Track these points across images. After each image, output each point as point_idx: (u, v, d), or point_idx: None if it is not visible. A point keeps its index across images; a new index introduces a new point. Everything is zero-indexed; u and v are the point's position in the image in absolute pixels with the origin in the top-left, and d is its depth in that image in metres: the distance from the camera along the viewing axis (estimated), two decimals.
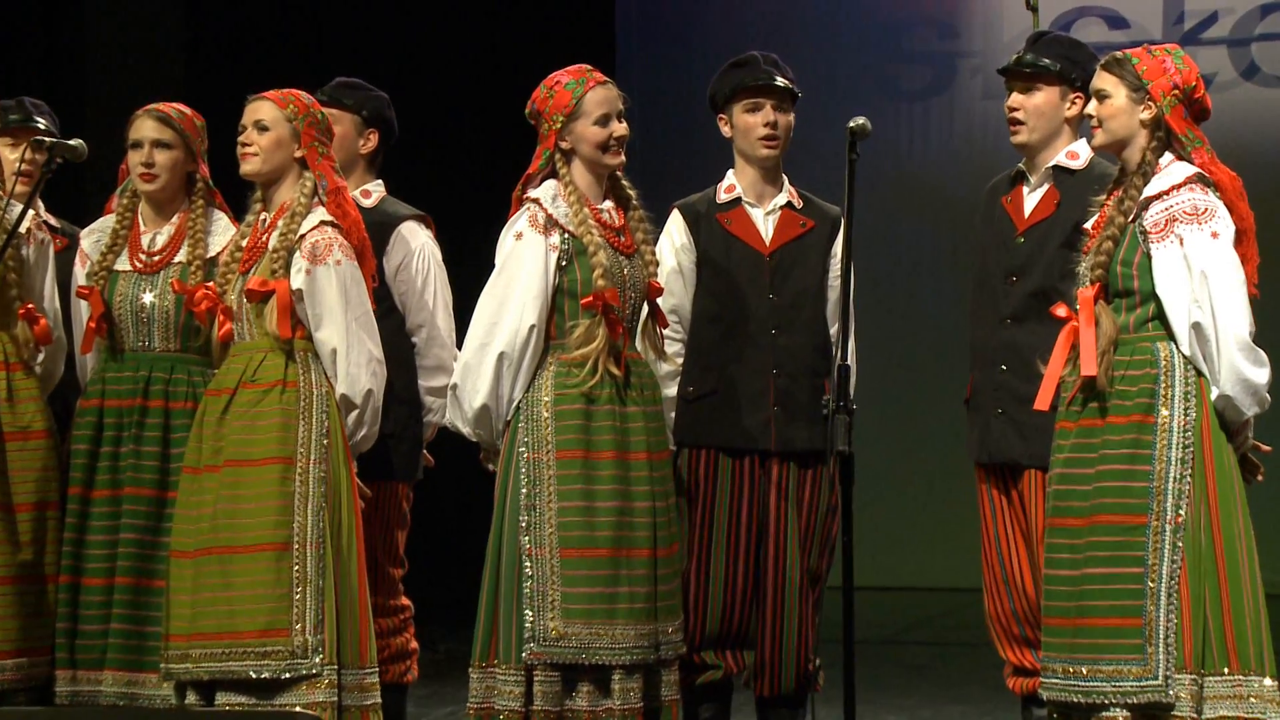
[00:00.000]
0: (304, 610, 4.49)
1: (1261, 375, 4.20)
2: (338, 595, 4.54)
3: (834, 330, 5.04)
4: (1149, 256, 4.26)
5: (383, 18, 8.20)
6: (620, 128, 4.61)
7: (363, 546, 4.65)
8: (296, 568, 4.50)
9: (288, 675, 4.47)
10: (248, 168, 4.69)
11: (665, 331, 4.83)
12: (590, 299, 4.50)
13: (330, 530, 4.54)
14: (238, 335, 4.67)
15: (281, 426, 4.55)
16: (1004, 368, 4.82)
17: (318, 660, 4.47)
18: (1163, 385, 4.23)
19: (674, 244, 5.03)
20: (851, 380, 4.53)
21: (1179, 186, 4.26)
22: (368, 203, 5.07)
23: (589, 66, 4.69)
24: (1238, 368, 4.18)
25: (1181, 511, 4.18)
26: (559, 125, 4.61)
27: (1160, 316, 4.26)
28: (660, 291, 4.73)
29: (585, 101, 4.60)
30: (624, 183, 4.72)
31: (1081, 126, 4.86)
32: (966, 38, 8.53)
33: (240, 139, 4.69)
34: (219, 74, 7.70)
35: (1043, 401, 4.39)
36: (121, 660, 4.74)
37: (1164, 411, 4.22)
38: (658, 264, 4.74)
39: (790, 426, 4.94)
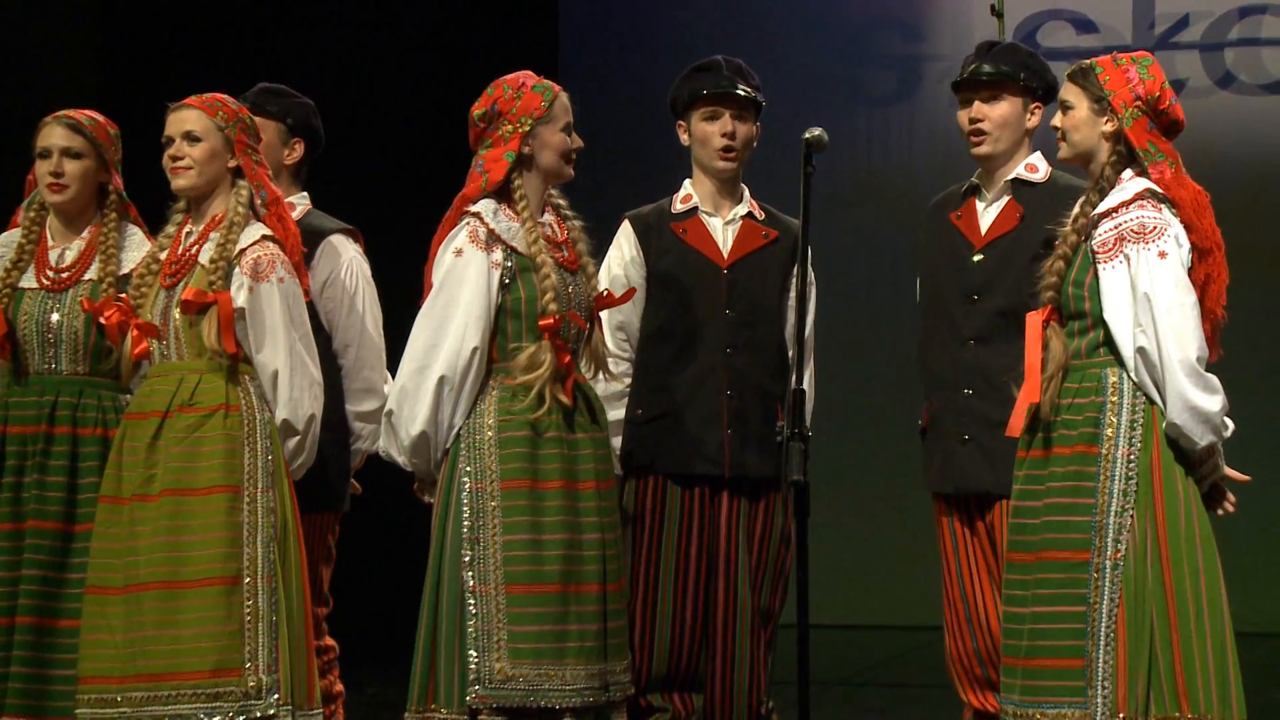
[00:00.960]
0: (257, 648, 4.47)
1: (1212, 402, 4.22)
2: (287, 632, 4.53)
3: (791, 353, 5.02)
4: (1098, 278, 4.25)
5: (308, 20, 8.15)
6: (578, 140, 4.65)
7: (308, 582, 4.66)
8: (248, 603, 4.48)
9: (241, 718, 4.43)
10: (181, 182, 4.68)
11: (613, 349, 4.80)
12: (551, 321, 4.49)
13: (279, 564, 4.53)
14: (160, 355, 4.66)
15: (226, 453, 4.54)
16: (969, 391, 4.82)
17: (273, 701, 4.46)
18: (1108, 414, 4.25)
19: (623, 256, 5.04)
20: (807, 406, 4.50)
21: (1129, 203, 4.30)
22: (293, 215, 5.02)
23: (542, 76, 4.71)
24: (1185, 395, 4.19)
25: (1121, 547, 4.20)
26: (526, 128, 4.61)
27: (1111, 341, 4.29)
28: (608, 303, 4.69)
29: (555, 107, 4.63)
30: (552, 192, 4.69)
31: (1036, 138, 4.92)
32: (933, 40, 8.55)
33: (169, 152, 4.69)
34: (133, 79, 7.64)
35: (1014, 427, 4.41)
36: (21, 705, 4.70)
37: (1108, 442, 4.24)
38: (598, 282, 4.70)
39: (744, 452, 4.97)
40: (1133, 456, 4.22)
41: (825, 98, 8.41)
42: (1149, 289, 4.20)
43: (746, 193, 5.12)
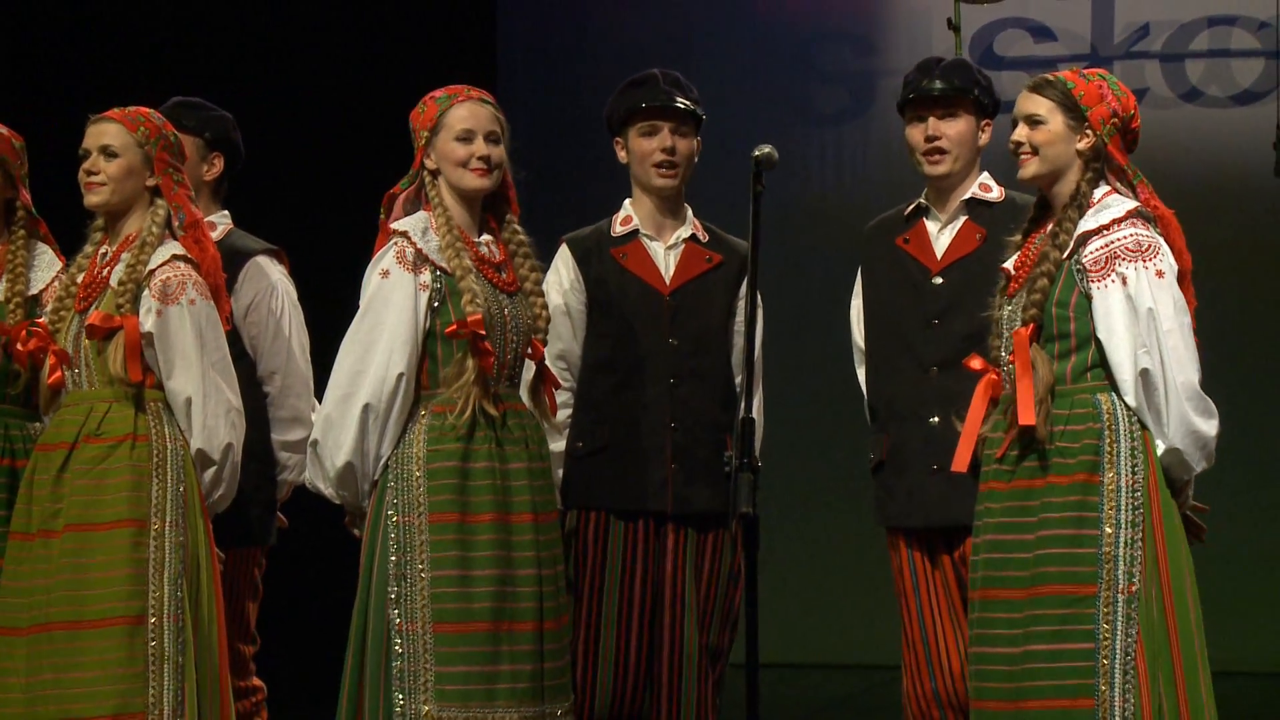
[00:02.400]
0: (161, 691, 4.43)
1: (1211, 427, 4.23)
2: (198, 673, 4.48)
3: (739, 380, 5.00)
4: (1087, 297, 4.26)
5: (227, 30, 8.11)
6: (483, 147, 4.57)
7: (223, 619, 4.62)
8: (153, 643, 4.44)
9: None
10: (94, 199, 4.65)
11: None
12: (453, 326, 4.46)
13: (189, 601, 4.48)
14: (72, 383, 4.62)
15: (132, 486, 4.49)
16: (935, 420, 4.80)
17: None
18: (1107, 441, 4.22)
19: (561, 283, 5.01)
20: (757, 435, 4.49)
21: (1120, 221, 4.28)
22: (213, 235, 5.01)
23: (475, 87, 4.69)
24: (1189, 419, 4.19)
25: (1135, 580, 4.18)
26: (424, 141, 4.61)
27: (1101, 364, 4.26)
28: (541, 352, 4.68)
29: (448, 115, 4.60)
30: (510, 221, 4.66)
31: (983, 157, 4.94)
32: (886, 55, 8.58)
33: (84, 166, 4.65)
34: (42, 89, 7.58)
35: (961, 462, 4.38)
36: None
37: (1110, 471, 4.22)
38: (548, 315, 4.68)
39: (689, 486, 4.94)
40: (1136, 485, 4.20)
41: (774, 115, 8.43)
42: (1153, 306, 4.19)
43: (689, 213, 5.09)
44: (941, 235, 4.94)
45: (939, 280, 4.89)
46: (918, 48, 8.25)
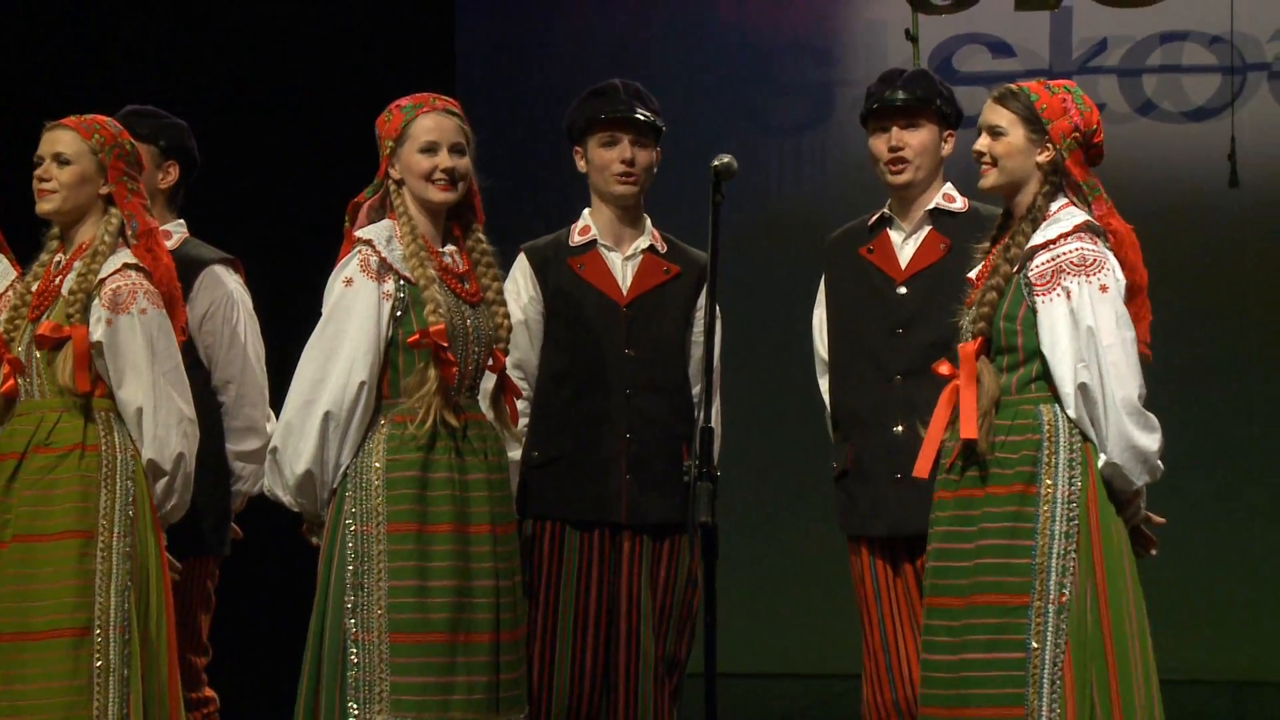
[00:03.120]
0: (106, 704, 4.40)
1: (1152, 441, 4.23)
2: (145, 686, 4.45)
3: (696, 390, 5.02)
4: (1034, 311, 4.28)
5: (182, 37, 8.08)
6: (447, 159, 4.56)
7: (173, 630, 4.60)
8: (98, 656, 4.41)
9: None
10: (46, 206, 4.63)
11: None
12: (416, 336, 4.45)
13: (137, 613, 4.46)
14: (24, 392, 4.60)
15: (80, 496, 4.47)
16: (899, 429, 4.81)
17: None
18: (1046, 452, 4.24)
19: (519, 292, 5.01)
20: (715, 444, 4.49)
21: (1067, 235, 4.29)
22: (168, 244, 4.96)
23: (442, 96, 4.67)
24: (1127, 433, 4.20)
25: (1065, 590, 4.19)
26: (389, 150, 4.60)
27: (1045, 376, 4.28)
28: (502, 362, 4.68)
29: (413, 126, 4.58)
30: (475, 230, 4.65)
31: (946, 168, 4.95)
32: (845, 65, 8.59)
33: (37, 173, 4.64)
34: None
35: (922, 468, 4.39)
36: None
37: (1047, 481, 4.23)
38: (510, 325, 4.68)
39: (644, 496, 4.94)
40: (1073, 496, 4.21)
41: (733, 126, 8.44)
42: (1092, 323, 4.20)
43: (648, 223, 5.10)
44: (905, 245, 4.96)
45: (903, 290, 4.90)
46: (875, 60, 8.27)
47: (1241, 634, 8.08)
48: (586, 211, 5.10)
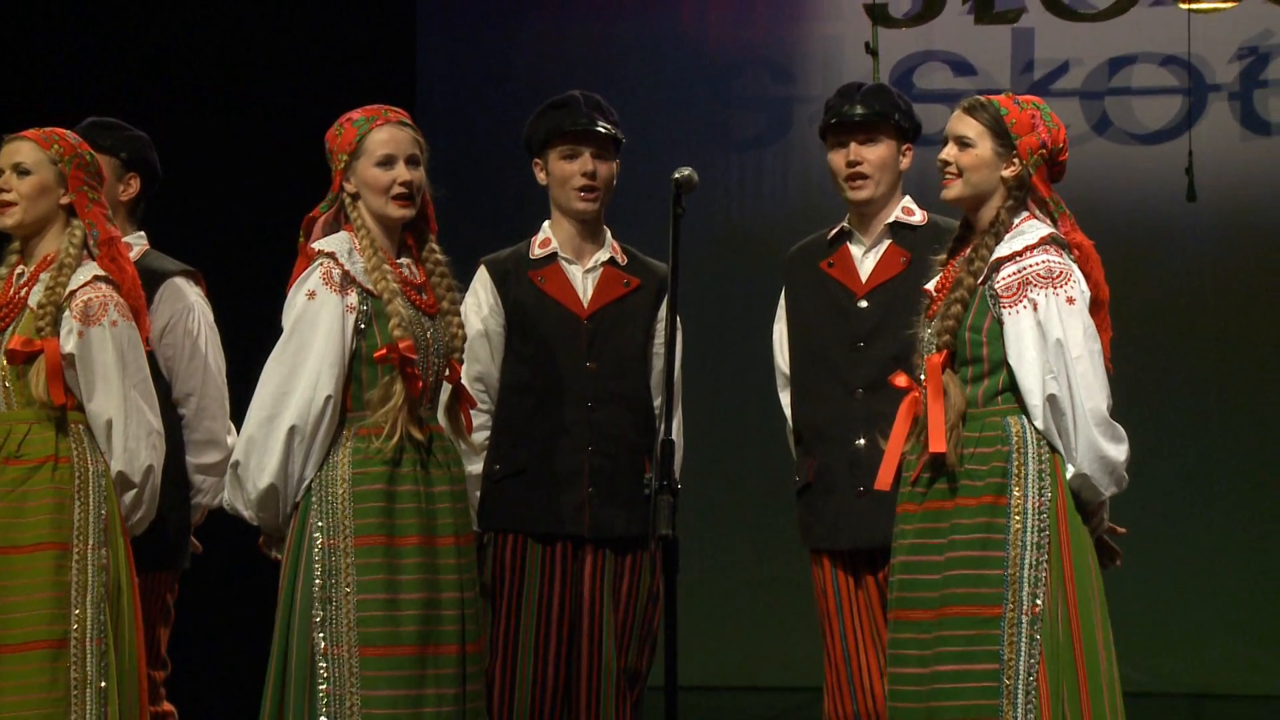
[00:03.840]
0: (84, 716, 4.39)
1: (1120, 452, 4.25)
2: (121, 698, 4.45)
3: (658, 403, 5.02)
4: (999, 322, 4.28)
5: (143, 49, 8.05)
6: (405, 173, 4.54)
7: (143, 643, 4.58)
8: (75, 668, 4.40)
9: None
10: (8, 221, 4.63)
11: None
12: (383, 351, 4.44)
13: (111, 625, 4.45)
14: None
15: (54, 508, 4.46)
16: (861, 442, 4.81)
17: None
18: (1015, 464, 4.24)
19: (480, 305, 5.00)
20: (676, 457, 4.49)
21: (1033, 248, 4.29)
22: (130, 256, 4.96)
23: (392, 107, 4.65)
24: (1096, 444, 4.21)
25: (1039, 601, 4.19)
26: (343, 165, 4.58)
27: (1012, 388, 4.28)
28: (459, 373, 4.67)
29: (368, 140, 4.56)
30: (429, 241, 4.65)
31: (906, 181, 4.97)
32: (803, 81, 8.61)
33: None
34: None
35: (884, 481, 4.39)
36: None
37: (1017, 493, 4.23)
38: (464, 335, 4.67)
39: (606, 510, 4.93)
40: (1043, 508, 4.22)
41: (692, 140, 8.44)
42: (1061, 335, 4.21)
43: (609, 235, 5.09)
44: (865, 259, 4.96)
45: (864, 304, 4.91)
46: (833, 75, 8.29)
47: (1198, 647, 8.11)
48: (546, 224, 5.09)
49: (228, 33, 8.11)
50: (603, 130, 4.99)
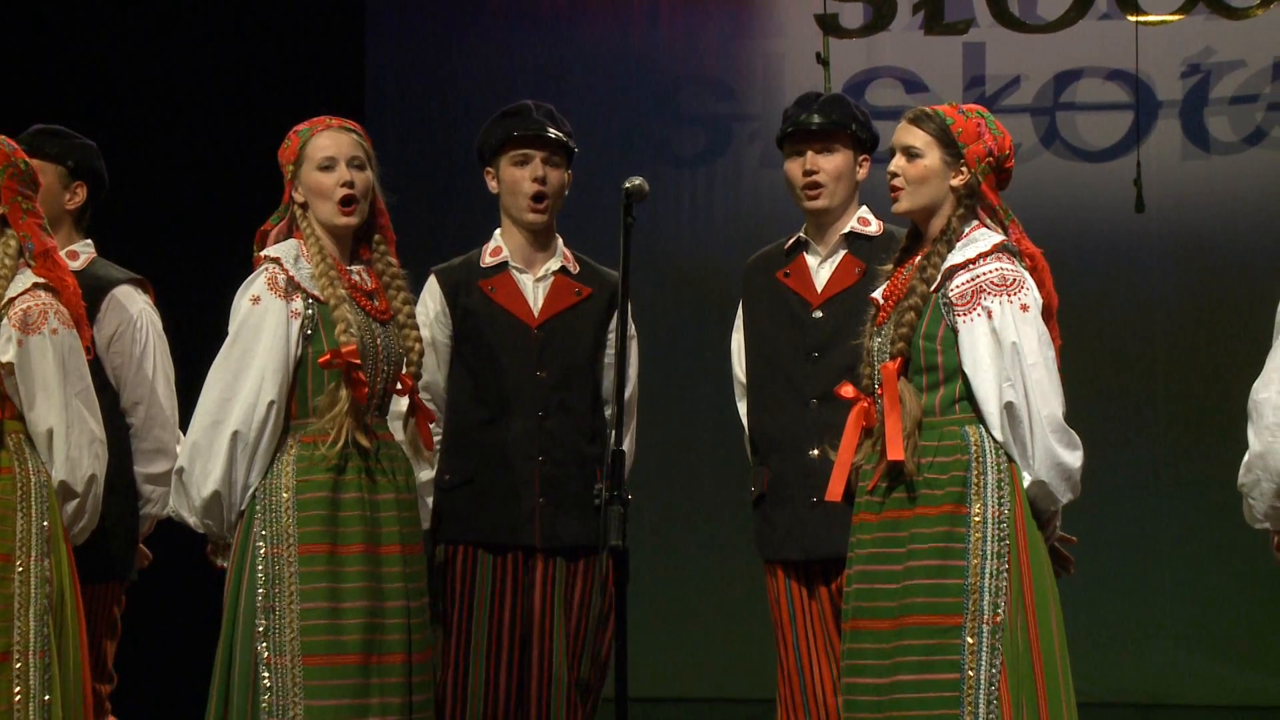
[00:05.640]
0: None
1: (1076, 459, 4.25)
2: (65, 713, 4.40)
3: (609, 412, 5.00)
4: (954, 330, 4.27)
5: (91, 56, 8.00)
6: (346, 174, 4.54)
7: (88, 655, 4.53)
8: (18, 682, 4.36)
9: None
10: None
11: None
12: (327, 356, 4.41)
13: (55, 638, 4.40)
14: None
15: None
16: (814, 452, 4.79)
17: None
18: (974, 474, 4.23)
19: (429, 314, 4.98)
20: (626, 466, 4.47)
21: (985, 255, 4.29)
22: (75, 265, 4.98)
23: (335, 116, 4.66)
24: (1053, 451, 4.21)
25: (1000, 611, 4.18)
26: (291, 175, 4.59)
27: (968, 396, 4.27)
28: (409, 385, 4.63)
29: (309, 147, 4.58)
30: (384, 250, 4.62)
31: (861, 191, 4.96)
32: (743, 99, 8.61)
33: None
34: None
35: (834, 491, 4.38)
36: None
37: (977, 502, 4.22)
38: (421, 349, 4.64)
39: (557, 519, 4.90)
40: (1002, 517, 4.21)
41: (633, 156, 8.43)
42: (1016, 340, 4.20)
43: (560, 244, 5.07)
44: (821, 269, 4.94)
45: (819, 314, 4.89)
46: (774, 94, 8.29)
47: (1147, 657, 8.14)
48: (497, 232, 5.07)
49: (175, 40, 8.07)
50: (554, 135, 4.98)
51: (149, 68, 8.04)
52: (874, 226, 4.94)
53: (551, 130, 4.98)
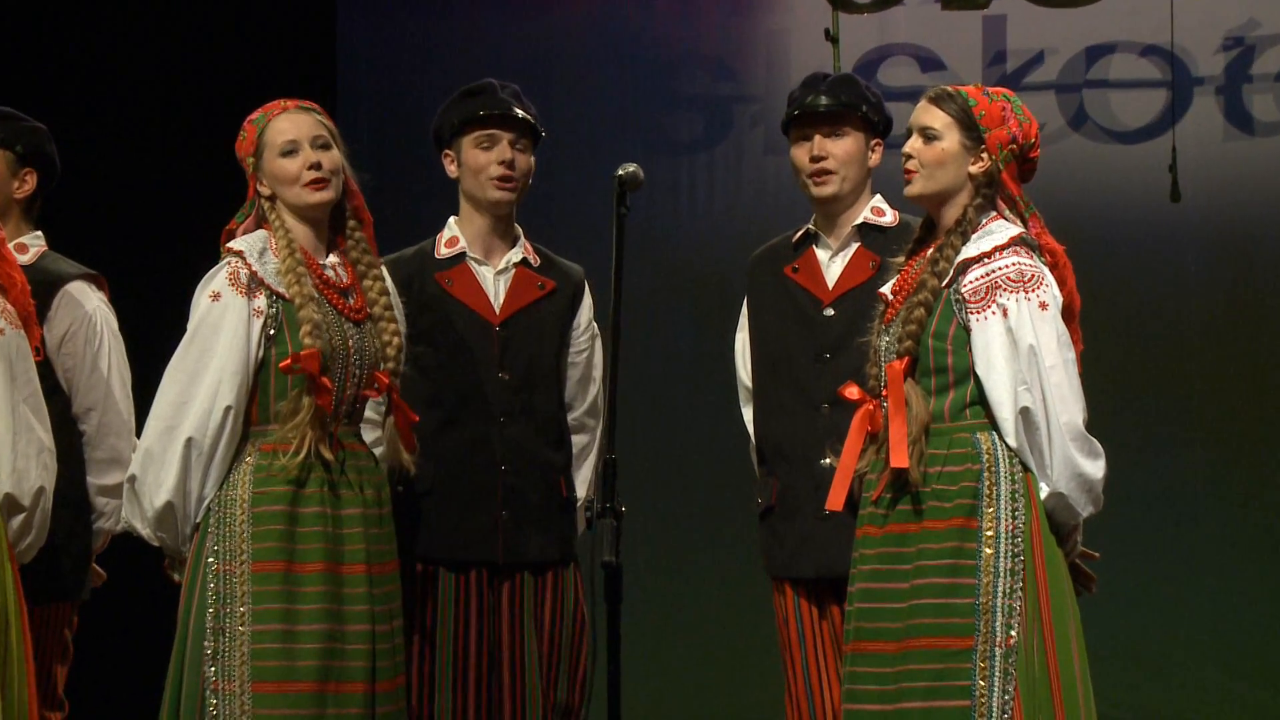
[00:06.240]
0: None
1: (1098, 469, 4.23)
2: None
3: (572, 415, 5.02)
4: (966, 329, 4.26)
5: (43, 34, 8.00)
6: (312, 154, 4.55)
7: (34, 680, 4.52)
8: None
9: None
10: None
11: (368, 414, 4.69)
12: (288, 361, 4.41)
13: None
14: None
15: None
16: (826, 461, 4.76)
17: None
18: (986, 484, 4.22)
19: None
20: (584, 474, 4.48)
21: (1001, 249, 4.28)
22: (25, 258, 4.98)
23: (290, 98, 4.68)
24: (1072, 461, 4.19)
25: (1013, 632, 4.17)
26: (253, 167, 4.60)
27: (980, 401, 4.26)
28: (386, 385, 4.62)
29: (268, 132, 4.59)
30: (359, 237, 4.62)
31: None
32: (745, 79, 8.61)
33: None
34: None
35: (835, 500, 4.37)
36: None
37: (989, 515, 4.21)
38: (400, 344, 4.62)
39: (521, 533, 4.91)
40: (1016, 531, 4.20)
41: (626, 142, 8.43)
42: (1034, 342, 4.19)
43: (521, 235, 5.06)
44: (832, 264, 4.93)
45: (830, 312, 4.88)
46: (778, 74, 8.29)
47: (1175, 679, 8.14)
48: (453, 220, 5.06)
49: (132, 14, 8.06)
50: (521, 116, 4.96)
51: (104, 45, 8.04)
52: (889, 217, 4.93)
53: (519, 110, 4.97)
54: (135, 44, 8.06)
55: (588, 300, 5.09)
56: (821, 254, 4.95)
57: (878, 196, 4.96)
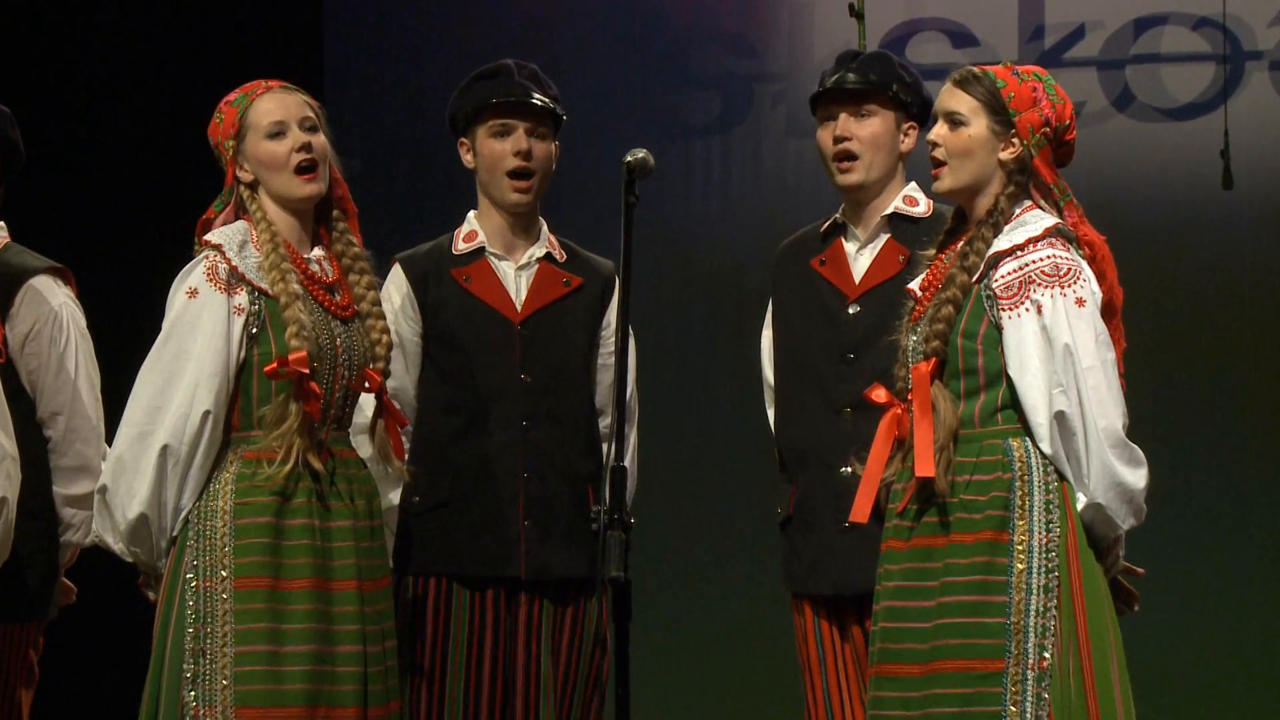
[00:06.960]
0: None
1: (1139, 478, 4.23)
2: None
3: (605, 422, 5.02)
4: (998, 327, 4.28)
5: (6, 14, 8.03)
6: (301, 136, 4.56)
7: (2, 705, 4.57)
8: None
9: None
10: None
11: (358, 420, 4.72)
12: (273, 365, 4.42)
13: None
14: None
15: None
16: (847, 470, 4.78)
17: None
18: (1018, 494, 4.23)
19: (393, 308, 4.99)
20: (629, 486, 4.48)
21: (1036, 241, 4.28)
22: None
23: (269, 79, 4.69)
24: (1112, 469, 4.20)
25: (1046, 654, 4.19)
26: (232, 152, 4.60)
27: (1013, 405, 4.27)
28: (378, 383, 4.64)
29: (251, 114, 4.59)
30: (344, 228, 4.64)
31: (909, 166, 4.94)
32: (765, 57, 8.62)
33: None
34: None
35: (860, 511, 4.39)
36: None
37: (1021, 527, 4.22)
38: (389, 341, 4.65)
39: (544, 547, 4.92)
40: (1051, 545, 4.21)
41: (637, 125, 8.44)
42: (1070, 340, 4.19)
43: (544, 228, 5.08)
44: (860, 257, 4.93)
45: (855, 309, 4.88)
46: (802, 51, 8.30)
47: (1227, 704, 8.14)
48: (472, 215, 5.08)
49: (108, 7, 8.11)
50: (539, 103, 4.98)
51: (74, 23, 8.06)
52: (922, 206, 4.93)
53: (537, 96, 4.98)
54: (104, 21, 8.09)
55: (618, 298, 5.11)
56: (849, 246, 4.96)
57: (911, 185, 4.95)
